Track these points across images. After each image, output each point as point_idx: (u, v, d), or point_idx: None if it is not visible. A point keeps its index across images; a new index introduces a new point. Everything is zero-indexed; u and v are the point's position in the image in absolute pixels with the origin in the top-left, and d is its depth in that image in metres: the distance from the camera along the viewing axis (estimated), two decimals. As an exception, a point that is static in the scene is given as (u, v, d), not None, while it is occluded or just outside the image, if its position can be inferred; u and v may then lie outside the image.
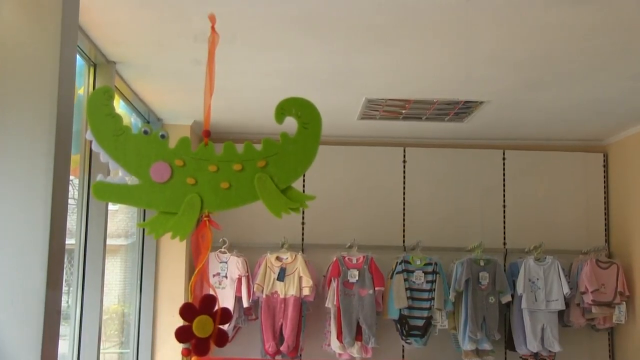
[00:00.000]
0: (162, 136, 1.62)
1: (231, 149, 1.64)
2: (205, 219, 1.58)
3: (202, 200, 1.56)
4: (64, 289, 2.39)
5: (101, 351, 3.33)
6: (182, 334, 1.43)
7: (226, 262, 4.72)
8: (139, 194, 1.59)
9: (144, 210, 4.50)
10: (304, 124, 1.66)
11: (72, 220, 3.22)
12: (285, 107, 1.67)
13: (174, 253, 4.62)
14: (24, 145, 2.12)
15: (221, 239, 4.74)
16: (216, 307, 1.48)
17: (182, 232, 1.49)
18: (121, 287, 4.43)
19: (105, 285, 3.37)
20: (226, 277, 4.67)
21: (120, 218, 4.55)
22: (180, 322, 4.42)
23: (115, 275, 4.67)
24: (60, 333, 2.30)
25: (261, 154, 1.61)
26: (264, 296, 4.65)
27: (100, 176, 1.68)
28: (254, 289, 4.64)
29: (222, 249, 4.78)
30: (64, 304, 2.46)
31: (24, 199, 2.12)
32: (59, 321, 2.32)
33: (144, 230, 4.52)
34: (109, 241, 3.46)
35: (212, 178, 1.58)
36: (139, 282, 4.48)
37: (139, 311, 4.46)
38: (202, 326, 1.42)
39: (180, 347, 4.39)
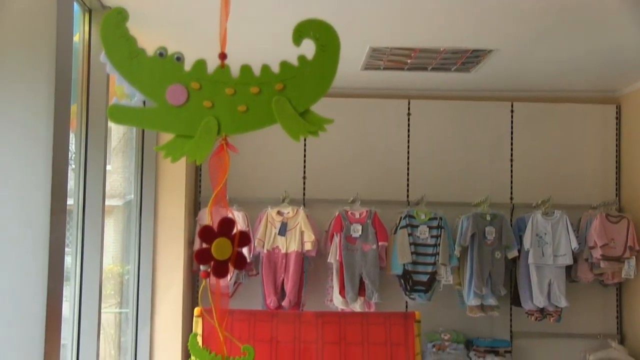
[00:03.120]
0: (178, 59, 1.54)
1: (248, 72, 1.56)
2: (222, 142, 1.51)
3: (219, 124, 1.49)
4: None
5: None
6: (201, 257, 1.38)
7: (226, 219, 4.61)
8: (155, 117, 1.52)
9: (141, 169, 4.40)
10: (322, 46, 1.60)
11: (71, 179, 3.13)
12: (303, 30, 1.60)
13: (172, 211, 4.52)
14: (24, 98, 2.07)
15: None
16: (234, 230, 1.42)
17: (199, 155, 1.43)
18: (116, 248, 4.34)
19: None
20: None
21: (114, 178, 4.44)
22: (176, 285, 4.37)
23: (109, 236, 4.58)
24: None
25: (279, 76, 1.54)
26: (265, 251, 4.56)
27: (115, 99, 1.60)
28: (255, 244, 4.55)
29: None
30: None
31: (24, 154, 2.08)
32: (62, 282, 2.27)
33: (142, 188, 4.42)
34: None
35: (229, 101, 1.51)
36: (137, 240, 4.38)
37: (138, 270, 4.38)
38: (221, 249, 1.35)
39: (178, 302, 4.35)
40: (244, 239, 1.40)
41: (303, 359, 3.03)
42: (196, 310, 3.06)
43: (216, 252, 1.38)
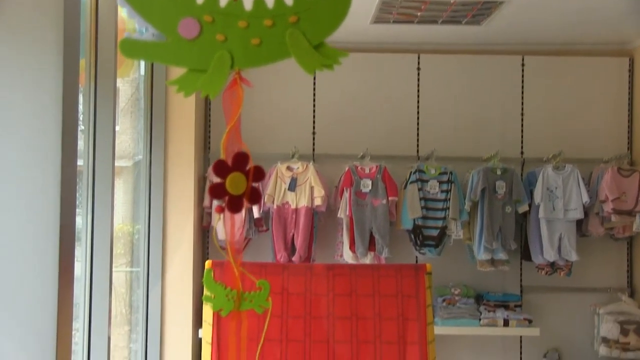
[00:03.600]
0: (189, -9, 1.50)
1: (261, 4, 1.52)
2: (236, 76, 1.48)
3: (232, 57, 1.45)
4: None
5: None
6: (215, 191, 1.36)
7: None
8: (167, 50, 1.49)
9: (150, 129, 4.39)
10: (336, -22, 1.54)
11: (80, 139, 3.12)
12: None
13: (181, 169, 4.51)
14: (31, 53, 2.05)
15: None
16: (249, 165, 1.40)
17: (212, 89, 1.40)
18: (125, 209, 4.34)
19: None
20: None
21: (123, 139, 4.42)
22: (186, 242, 4.37)
23: (119, 197, 4.59)
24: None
25: (292, 9, 1.50)
26: (274, 207, 4.56)
27: (127, 33, 1.58)
28: (265, 200, 4.55)
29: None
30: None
31: (33, 113, 2.06)
32: (74, 243, 2.28)
33: (151, 148, 4.40)
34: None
35: (242, 34, 1.47)
36: (147, 200, 4.38)
37: (148, 229, 4.38)
38: (235, 183, 1.33)
39: (189, 260, 4.36)
40: (259, 173, 1.37)
41: (314, 310, 3.04)
42: (207, 264, 3.06)
43: (230, 186, 1.36)
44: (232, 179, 1.36)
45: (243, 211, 1.33)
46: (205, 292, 1.29)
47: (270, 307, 1.33)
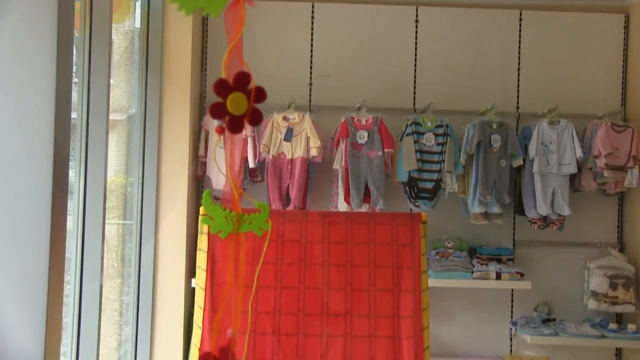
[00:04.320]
0: None
1: None
2: None
3: None
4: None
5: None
6: (215, 111, 1.33)
7: (231, 123, 4.58)
8: None
9: (145, 81, 4.35)
10: None
11: (74, 92, 3.09)
12: None
13: (177, 120, 4.48)
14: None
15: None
16: (250, 85, 1.37)
17: (214, 8, 1.36)
18: (119, 163, 4.31)
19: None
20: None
21: (117, 92, 4.38)
22: (180, 194, 4.35)
23: (112, 151, 4.57)
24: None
25: None
26: (270, 157, 4.56)
27: None
28: (260, 150, 4.55)
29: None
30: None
31: (26, 62, 2.03)
32: (67, 195, 2.27)
33: (145, 99, 4.36)
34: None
35: None
36: (141, 153, 4.36)
37: (142, 182, 4.37)
38: (236, 103, 1.31)
39: (182, 213, 4.35)
40: (260, 94, 1.36)
41: (309, 257, 3.06)
42: (202, 210, 3.06)
43: (231, 106, 1.34)
44: (233, 98, 1.33)
45: (244, 132, 1.32)
46: (204, 213, 1.28)
47: (270, 229, 1.33)
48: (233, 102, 1.33)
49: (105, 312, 3.69)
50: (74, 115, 3.09)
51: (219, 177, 4.58)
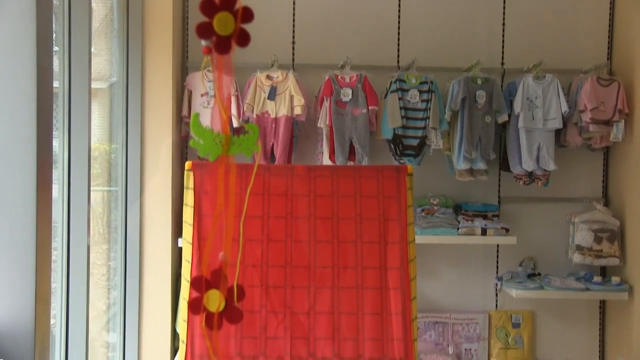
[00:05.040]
0: None
1: None
2: None
3: None
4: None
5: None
6: (202, 31, 1.29)
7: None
8: None
9: (127, 46, 4.28)
10: None
11: (55, 60, 3.04)
12: None
13: (160, 82, 4.43)
14: None
15: (207, 58, 4.54)
16: (237, 5, 1.33)
17: None
18: (102, 131, 4.25)
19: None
20: (214, 96, 4.50)
21: (97, 61, 4.31)
22: (164, 155, 4.30)
23: (95, 119, 4.51)
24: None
25: None
26: (254, 116, 4.52)
27: None
28: (244, 109, 4.50)
29: (210, 69, 4.59)
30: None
31: (4, 31, 1.99)
32: (51, 164, 2.25)
33: (127, 68, 4.31)
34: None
35: None
36: (124, 118, 4.31)
37: (126, 147, 4.33)
38: (223, 23, 1.27)
39: (167, 176, 4.32)
40: (248, 14, 1.32)
41: (295, 211, 3.05)
42: (187, 164, 3.04)
43: (218, 26, 1.31)
44: (219, 18, 1.30)
45: (231, 56, 1.29)
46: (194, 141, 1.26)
47: (259, 151, 1.30)
48: (220, 21, 1.29)
49: (93, 277, 3.68)
50: (55, 84, 3.05)
51: (203, 138, 4.53)
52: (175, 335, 4.43)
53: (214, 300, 1.10)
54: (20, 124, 2.04)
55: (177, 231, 4.49)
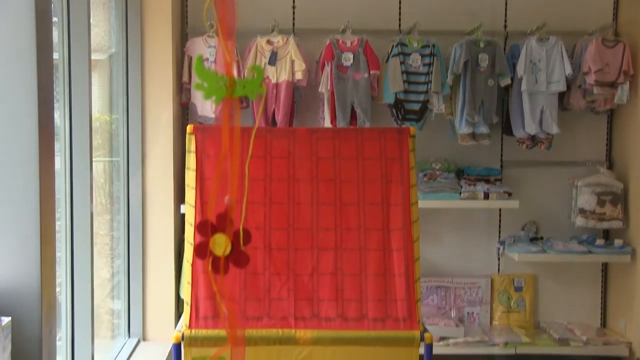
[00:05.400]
0: None
1: None
2: None
3: None
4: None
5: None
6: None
7: (214, 47, 4.50)
8: None
9: (125, 19, 4.24)
10: None
11: (54, 32, 3.01)
12: None
13: (160, 50, 4.39)
14: None
15: (209, 22, 4.51)
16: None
17: None
18: (102, 102, 4.23)
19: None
20: (215, 62, 4.47)
21: (96, 32, 4.27)
22: (165, 120, 4.28)
23: (95, 91, 4.49)
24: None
25: None
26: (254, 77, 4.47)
27: None
28: (245, 74, 4.47)
29: (210, 33, 4.56)
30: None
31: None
32: (53, 137, 2.25)
33: (127, 37, 4.26)
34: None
35: None
36: (125, 87, 4.29)
37: (127, 118, 4.31)
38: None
39: (169, 144, 4.30)
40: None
41: (297, 174, 3.04)
42: (189, 128, 3.02)
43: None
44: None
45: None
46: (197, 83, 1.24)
47: (264, 93, 1.29)
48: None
49: (97, 246, 3.68)
50: (55, 56, 3.03)
51: (204, 104, 4.52)
52: (179, 302, 4.44)
53: (220, 244, 1.09)
54: (21, 97, 2.04)
55: (180, 198, 4.48)
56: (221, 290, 1.09)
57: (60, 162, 3.05)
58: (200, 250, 1.11)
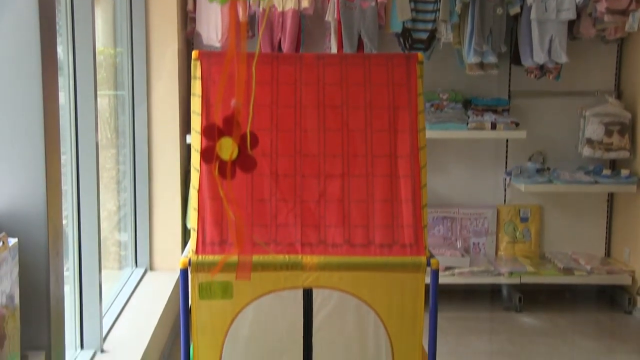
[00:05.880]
0: None
1: None
2: None
3: None
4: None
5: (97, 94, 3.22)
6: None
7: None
8: None
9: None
10: None
11: None
12: None
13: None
14: None
15: None
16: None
17: None
18: (105, 37, 4.15)
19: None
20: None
21: None
22: (171, 52, 4.23)
23: (98, 25, 4.41)
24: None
25: None
26: (260, 10, 4.41)
27: None
28: (250, 2, 4.39)
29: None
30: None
31: None
32: (57, 71, 2.22)
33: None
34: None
35: None
36: (128, 21, 4.22)
37: (131, 51, 4.25)
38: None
39: (174, 76, 4.25)
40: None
41: (304, 100, 3.00)
42: (194, 54, 2.98)
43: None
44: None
45: None
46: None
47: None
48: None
49: (103, 180, 3.68)
50: None
51: (209, 33, 4.46)
52: (186, 232, 4.48)
53: (227, 148, 1.07)
54: (24, 30, 2.01)
55: (186, 129, 4.47)
56: (228, 195, 1.08)
57: (64, 97, 3.03)
58: (207, 155, 1.09)
